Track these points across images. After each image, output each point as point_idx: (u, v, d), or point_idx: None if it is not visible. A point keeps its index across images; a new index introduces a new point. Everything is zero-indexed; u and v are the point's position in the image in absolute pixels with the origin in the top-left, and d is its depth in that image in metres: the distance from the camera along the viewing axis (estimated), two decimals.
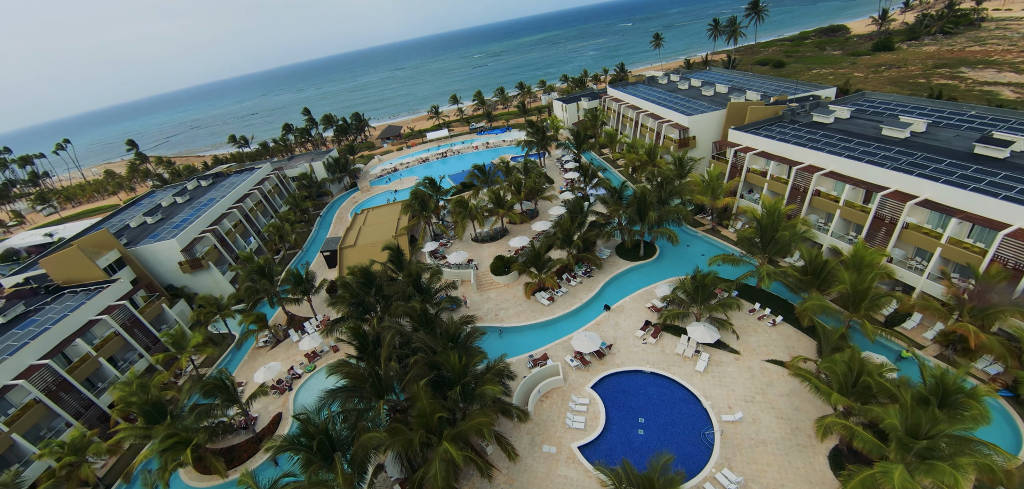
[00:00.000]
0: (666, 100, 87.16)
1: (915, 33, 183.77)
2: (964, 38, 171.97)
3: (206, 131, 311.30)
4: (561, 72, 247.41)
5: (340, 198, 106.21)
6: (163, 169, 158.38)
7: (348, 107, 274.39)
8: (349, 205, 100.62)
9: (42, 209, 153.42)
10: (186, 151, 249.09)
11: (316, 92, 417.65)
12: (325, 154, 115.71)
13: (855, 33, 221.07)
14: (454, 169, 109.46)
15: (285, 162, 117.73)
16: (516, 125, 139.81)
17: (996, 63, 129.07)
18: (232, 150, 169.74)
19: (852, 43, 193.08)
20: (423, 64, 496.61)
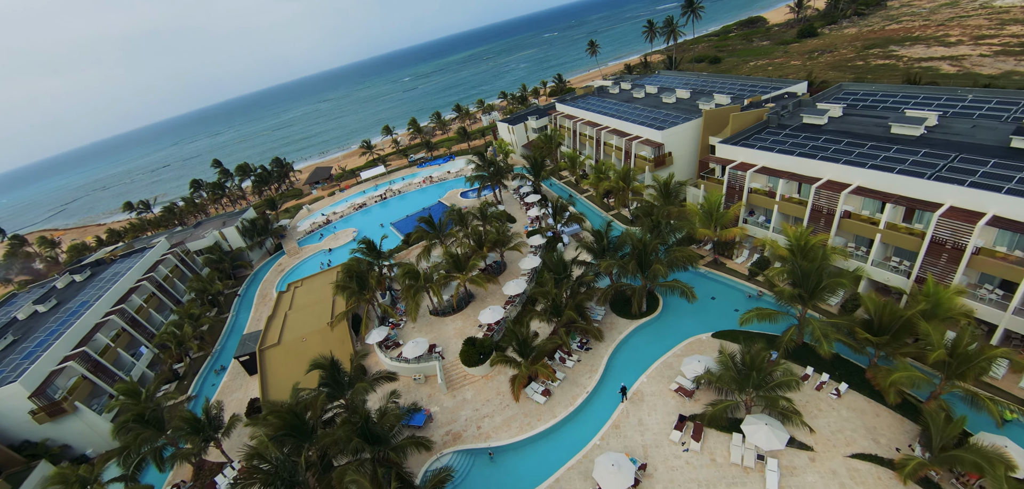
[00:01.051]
0: (628, 113, 78.48)
1: (833, 18, 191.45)
2: (878, 19, 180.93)
3: (111, 193, 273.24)
4: (497, 88, 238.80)
5: (264, 267, 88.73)
6: (45, 253, 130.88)
7: (271, 149, 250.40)
8: (274, 276, 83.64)
9: None
10: (84, 221, 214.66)
11: (234, 135, 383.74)
12: (240, 214, 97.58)
13: (773, 23, 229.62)
14: (397, 213, 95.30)
15: (190, 231, 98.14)
16: (460, 152, 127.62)
17: (922, 39, 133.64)
18: (131, 217, 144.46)
19: (776, 33, 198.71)
20: (350, 93, 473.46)
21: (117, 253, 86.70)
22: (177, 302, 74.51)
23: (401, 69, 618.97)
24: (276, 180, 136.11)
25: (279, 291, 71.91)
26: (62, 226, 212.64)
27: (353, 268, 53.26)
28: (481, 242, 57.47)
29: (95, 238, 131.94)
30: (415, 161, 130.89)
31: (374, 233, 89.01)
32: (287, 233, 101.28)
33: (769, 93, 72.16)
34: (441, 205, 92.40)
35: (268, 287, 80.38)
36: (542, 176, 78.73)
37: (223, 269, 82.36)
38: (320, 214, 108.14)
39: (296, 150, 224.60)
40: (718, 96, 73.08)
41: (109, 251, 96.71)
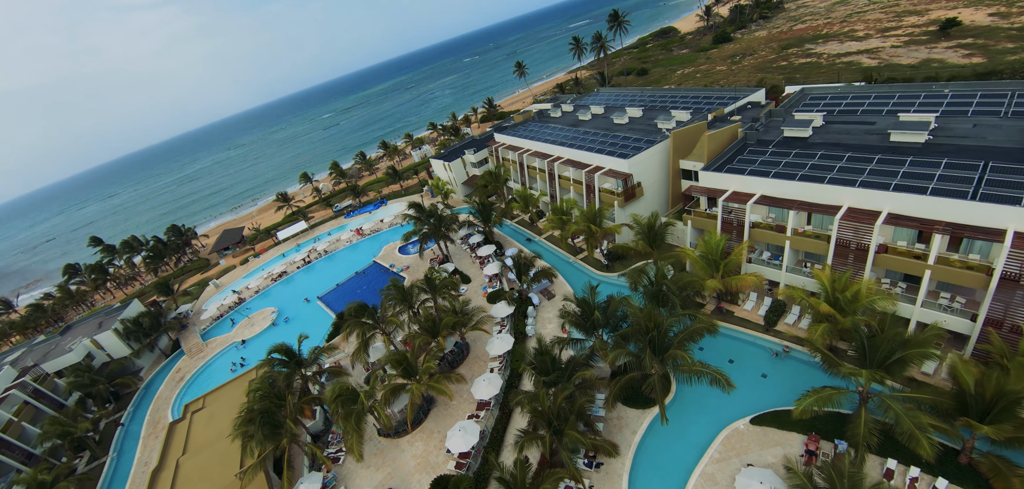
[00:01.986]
0: (582, 140, 70.22)
1: (742, 23, 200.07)
2: (781, 20, 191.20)
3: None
4: (424, 119, 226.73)
5: (158, 375, 70.14)
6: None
7: (176, 208, 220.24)
8: (171, 388, 65.80)
9: None
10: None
11: (132, 195, 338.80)
12: (120, 310, 77.83)
13: (685, 32, 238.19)
14: (324, 281, 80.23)
15: (54, 342, 76.73)
16: (392, 195, 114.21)
17: (833, 36, 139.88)
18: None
19: (692, 41, 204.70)
20: (264, 135, 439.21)
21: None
22: (29, 459, 54.94)
23: (319, 106, 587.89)
24: (174, 252, 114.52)
25: (173, 420, 55.03)
26: None
27: (265, 411, 38.90)
28: (435, 328, 45.47)
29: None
30: (342, 211, 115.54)
31: (298, 313, 73.98)
32: (189, 323, 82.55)
33: (729, 104, 67.01)
34: (377, 266, 78.84)
35: (163, 405, 62.66)
36: (493, 220, 68.28)
37: (98, 393, 63.23)
38: (230, 291, 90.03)
39: (204, 208, 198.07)
40: (676, 113, 66.84)
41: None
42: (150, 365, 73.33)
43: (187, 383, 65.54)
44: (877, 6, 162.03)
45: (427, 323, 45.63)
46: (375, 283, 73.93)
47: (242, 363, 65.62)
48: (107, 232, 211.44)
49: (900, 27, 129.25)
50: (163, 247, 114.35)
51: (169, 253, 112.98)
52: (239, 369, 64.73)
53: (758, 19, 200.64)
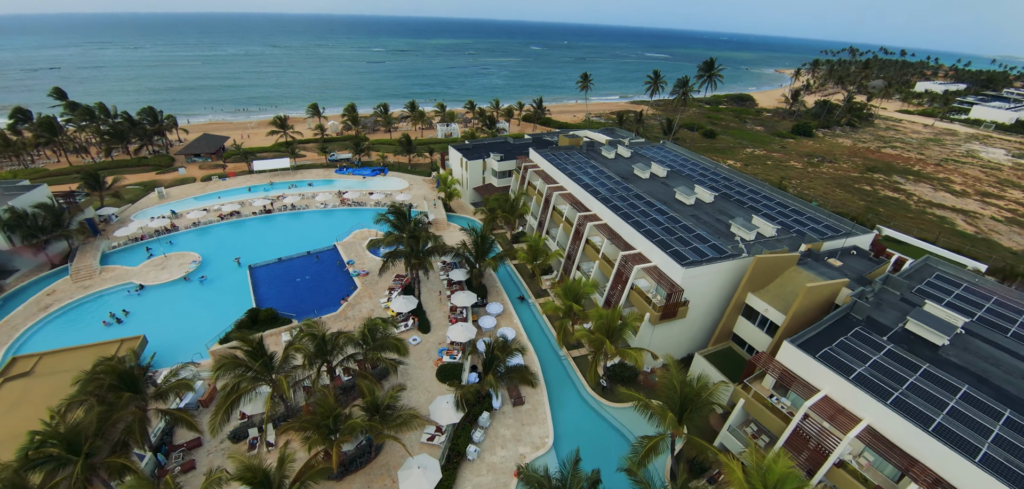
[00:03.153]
0: (631, 207, 53.45)
1: (827, 122, 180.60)
2: (869, 135, 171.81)
3: None
4: (467, 91, 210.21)
5: (20, 294, 55.14)
6: None
7: (182, 85, 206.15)
8: (23, 318, 50.81)
9: None
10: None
11: (153, 54, 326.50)
12: (24, 190, 62.91)
13: (763, 106, 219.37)
14: (272, 246, 64.61)
15: None
16: (397, 167, 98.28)
17: (925, 177, 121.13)
18: None
19: (769, 120, 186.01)
20: (309, 45, 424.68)
21: None
22: None
23: (373, 36, 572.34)
24: (140, 137, 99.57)
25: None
26: None
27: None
28: (333, 422, 29.44)
29: None
30: (336, 162, 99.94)
31: (220, 275, 58.47)
32: (102, 231, 67.56)
33: (826, 233, 50.01)
34: (335, 254, 62.97)
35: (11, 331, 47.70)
36: (487, 262, 52.07)
37: None
38: (169, 210, 74.90)
39: (207, 98, 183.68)
40: (758, 220, 49.90)
41: None
42: (26, 272, 58.34)
43: (45, 320, 50.41)
44: (977, 163, 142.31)
45: (322, 413, 29.50)
46: (325, 273, 58.45)
47: (123, 316, 50.45)
48: (101, 86, 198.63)
49: (1002, 197, 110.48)
50: (129, 127, 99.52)
51: (133, 136, 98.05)
52: (114, 325, 49.60)
53: (845, 125, 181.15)
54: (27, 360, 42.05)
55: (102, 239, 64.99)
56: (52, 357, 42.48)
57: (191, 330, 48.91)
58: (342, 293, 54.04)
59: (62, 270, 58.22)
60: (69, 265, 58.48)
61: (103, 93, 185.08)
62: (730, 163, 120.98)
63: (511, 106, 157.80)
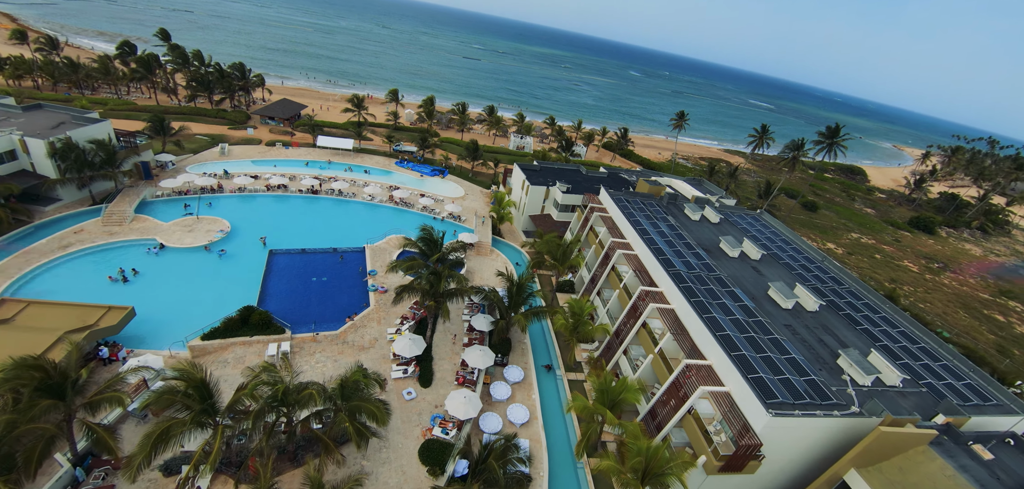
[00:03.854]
0: (709, 300, 41.75)
1: (954, 221, 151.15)
2: (1002, 244, 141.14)
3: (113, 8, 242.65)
4: (550, 106, 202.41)
5: (52, 225, 54.28)
6: (39, 53, 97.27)
7: (288, 48, 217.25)
8: (43, 251, 49.28)
9: None
10: (81, 26, 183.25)
11: (274, 13, 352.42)
12: (92, 123, 63.29)
13: (877, 184, 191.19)
14: (304, 232, 60.12)
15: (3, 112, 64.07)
16: (460, 172, 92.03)
17: None
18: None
19: (881, 203, 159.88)
20: (415, 32, 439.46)
21: None
22: None
23: (478, 33, 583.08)
24: (225, 90, 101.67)
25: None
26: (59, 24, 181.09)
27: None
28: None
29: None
30: (399, 153, 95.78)
31: (240, 252, 54.29)
32: (155, 175, 66.92)
33: (971, 404, 35.48)
34: (362, 257, 56.80)
35: (12, 269, 45.98)
36: (519, 317, 42.90)
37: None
38: (222, 169, 73.47)
39: (308, 63, 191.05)
40: (879, 360, 36.43)
41: None
42: (67, 203, 57.83)
43: (59, 260, 48.40)
44: None
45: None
46: (343, 278, 52.44)
47: (129, 275, 47.32)
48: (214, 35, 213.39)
49: None
50: (218, 78, 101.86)
51: (219, 88, 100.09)
52: (119, 283, 46.45)
53: (976, 228, 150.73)
54: (13, 305, 39.13)
55: (148, 185, 63.93)
56: (38, 308, 39.28)
57: (188, 309, 44.59)
58: (353, 308, 47.43)
59: (94, 212, 57.02)
60: (102, 207, 57.20)
61: (213, 41, 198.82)
62: (830, 247, 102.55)
63: (593, 129, 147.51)
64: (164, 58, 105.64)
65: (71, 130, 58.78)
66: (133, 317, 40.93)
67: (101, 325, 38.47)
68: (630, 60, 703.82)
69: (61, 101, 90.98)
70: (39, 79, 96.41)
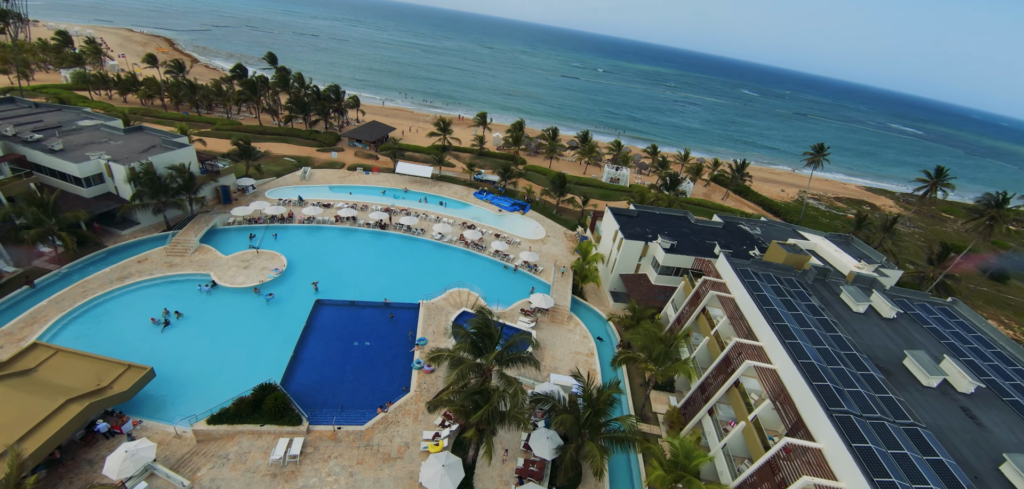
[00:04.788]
0: (895, 469, 26.30)
1: None
2: None
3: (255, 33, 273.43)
4: (652, 130, 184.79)
5: (138, 244, 53.82)
6: (169, 75, 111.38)
7: (399, 68, 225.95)
8: (97, 284, 47.72)
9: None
10: (223, 49, 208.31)
11: (387, 36, 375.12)
12: (177, 148, 63.46)
13: None
14: (367, 271, 53.80)
15: (106, 132, 66.64)
16: (544, 210, 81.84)
17: None
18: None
19: None
20: (515, 52, 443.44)
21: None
22: None
23: (576, 51, 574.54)
24: (319, 112, 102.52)
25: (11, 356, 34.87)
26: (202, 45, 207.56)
27: None
28: None
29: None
30: (480, 182, 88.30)
31: (290, 296, 48.85)
32: (235, 199, 65.71)
33: None
34: (415, 315, 48.33)
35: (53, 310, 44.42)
36: (594, 448, 30.82)
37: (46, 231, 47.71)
38: (297, 196, 70.94)
39: (406, 84, 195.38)
40: None
41: None
42: (143, 228, 57.34)
43: (112, 294, 46.28)
44: None
45: None
46: (389, 345, 44.53)
47: (173, 318, 43.63)
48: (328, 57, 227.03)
49: None
50: (315, 100, 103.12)
51: (313, 109, 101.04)
52: (158, 327, 42.80)
53: None
54: (43, 351, 36.30)
55: (221, 212, 62.36)
56: (63, 358, 36.03)
57: (216, 368, 39.50)
58: (391, 389, 38.94)
59: (160, 240, 55.63)
60: (170, 235, 55.73)
61: (326, 63, 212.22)
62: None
63: (702, 160, 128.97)
64: (271, 79, 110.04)
65: (156, 154, 58.72)
66: (152, 379, 36.24)
67: (112, 391, 33.94)
68: (742, 77, 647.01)
69: (177, 119, 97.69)
70: (166, 98, 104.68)
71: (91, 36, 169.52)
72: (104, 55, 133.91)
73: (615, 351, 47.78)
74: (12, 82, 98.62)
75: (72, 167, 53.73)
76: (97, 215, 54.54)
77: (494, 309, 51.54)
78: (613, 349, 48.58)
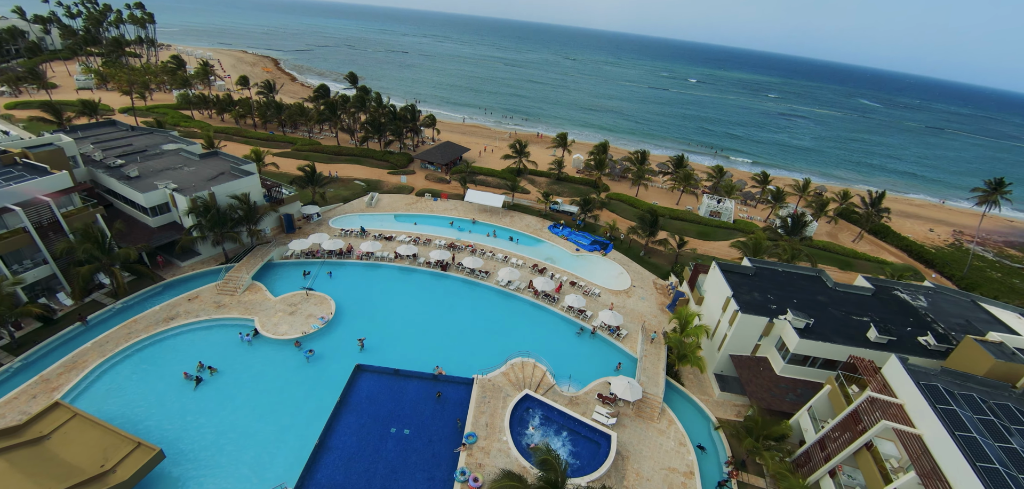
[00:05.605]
0: None
1: None
2: None
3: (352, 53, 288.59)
4: (755, 149, 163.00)
5: (196, 277, 51.72)
6: (260, 96, 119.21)
7: (479, 84, 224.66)
8: (142, 325, 45.06)
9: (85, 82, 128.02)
10: (322, 67, 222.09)
11: (471, 50, 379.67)
12: (244, 176, 61.55)
13: None
14: (420, 326, 46.82)
15: (170, 159, 66.73)
16: (628, 251, 70.46)
17: None
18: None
19: None
20: (599, 63, 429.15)
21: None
22: None
23: (665, 60, 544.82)
24: (394, 133, 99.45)
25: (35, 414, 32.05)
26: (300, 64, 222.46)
27: None
28: None
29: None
30: (556, 214, 78.97)
31: (333, 353, 42.85)
32: (299, 228, 62.63)
33: None
34: (467, 394, 39.71)
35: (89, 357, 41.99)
36: None
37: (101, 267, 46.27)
38: (359, 226, 66.40)
39: (484, 101, 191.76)
40: None
41: None
42: (202, 259, 55.21)
43: (158, 336, 43.30)
44: None
45: None
46: (432, 434, 36.64)
47: (206, 374, 39.37)
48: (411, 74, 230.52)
49: None
50: (391, 120, 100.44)
51: (388, 130, 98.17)
52: (190, 384, 38.64)
53: None
54: (63, 413, 33.24)
55: (279, 244, 59.07)
56: (79, 425, 32.73)
57: (235, 449, 34.14)
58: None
59: (213, 275, 52.82)
60: (224, 269, 52.84)
61: (410, 79, 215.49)
62: None
63: (822, 187, 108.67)
64: (351, 98, 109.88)
65: (222, 183, 56.61)
66: (160, 460, 31.42)
67: (112, 479, 29.33)
68: (857, 84, 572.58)
69: (263, 139, 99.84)
70: (256, 118, 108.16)
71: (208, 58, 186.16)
72: (215, 76, 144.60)
73: (724, 472, 35.61)
74: (132, 102, 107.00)
75: (139, 196, 52.76)
76: (161, 246, 53.27)
77: (564, 389, 41.72)
78: (721, 469, 36.36)
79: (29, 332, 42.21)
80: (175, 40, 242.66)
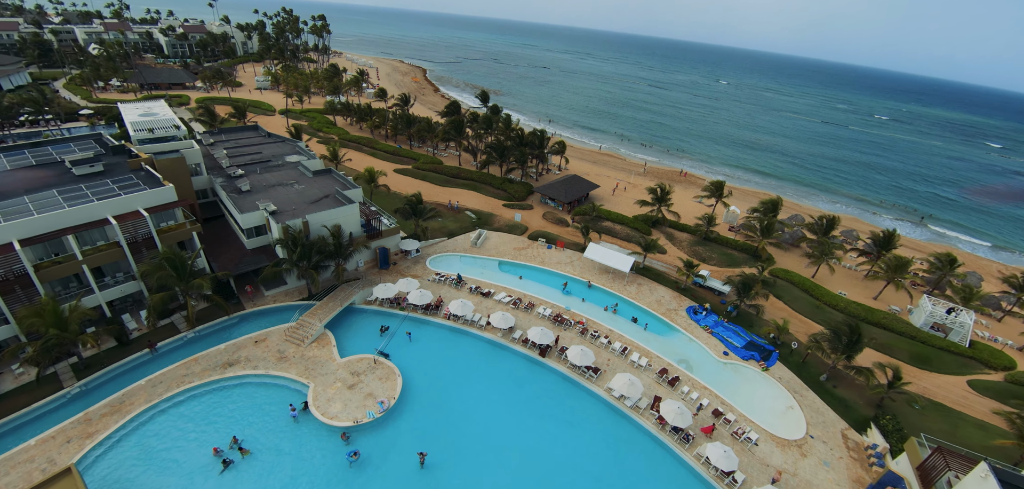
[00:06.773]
0: None
1: None
2: None
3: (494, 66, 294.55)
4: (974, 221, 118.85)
5: (262, 313, 47.00)
6: (395, 108, 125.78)
7: (617, 109, 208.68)
8: (208, 366, 40.32)
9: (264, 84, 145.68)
10: (462, 79, 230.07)
11: (613, 68, 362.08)
12: (346, 197, 56.49)
13: None
14: (505, 436, 35.20)
15: (282, 192, 64.07)
16: (806, 365, 50.16)
17: None
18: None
19: None
20: (758, 88, 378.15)
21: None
22: None
23: (843, 89, 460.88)
24: (518, 161, 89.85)
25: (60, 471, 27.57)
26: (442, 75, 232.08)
27: None
28: None
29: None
30: (702, 291, 61.13)
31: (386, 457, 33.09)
32: (395, 263, 55.84)
33: None
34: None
35: (138, 397, 37.76)
36: None
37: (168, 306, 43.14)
38: (456, 273, 57.12)
39: (621, 126, 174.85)
40: None
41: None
42: (287, 290, 50.44)
43: (208, 387, 38.08)
44: None
45: None
46: None
47: (236, 454, 32.47)
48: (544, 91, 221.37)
49: None
50: (516, 145, 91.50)
51: (512, 155, 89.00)
52: (216, 467, 32.05)
53: None
54: (66, 485, 27.74)
55: (371, 284, 52.24)
56: None
57: None
58: None
59: (296, 309, 47.27)
60: (300, 310, 47.01)
61: (546, 97, 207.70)
62: None
63: (1007, 271, 71.83)
64: (480, 117, 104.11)
65: (322, 209, 51.73)
66: None
67: None
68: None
69: (391, 152, 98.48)
70: (388, 130, 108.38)
71: (367, 65, 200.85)
72: (367, 84, 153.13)
73: None
74: (287, 104, 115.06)
75: (239, 216, 49.87)
76: (251, 271, 49.79)
77: None
78: None
79: (102, 351, 40.06)
80: (349, 48, 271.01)
